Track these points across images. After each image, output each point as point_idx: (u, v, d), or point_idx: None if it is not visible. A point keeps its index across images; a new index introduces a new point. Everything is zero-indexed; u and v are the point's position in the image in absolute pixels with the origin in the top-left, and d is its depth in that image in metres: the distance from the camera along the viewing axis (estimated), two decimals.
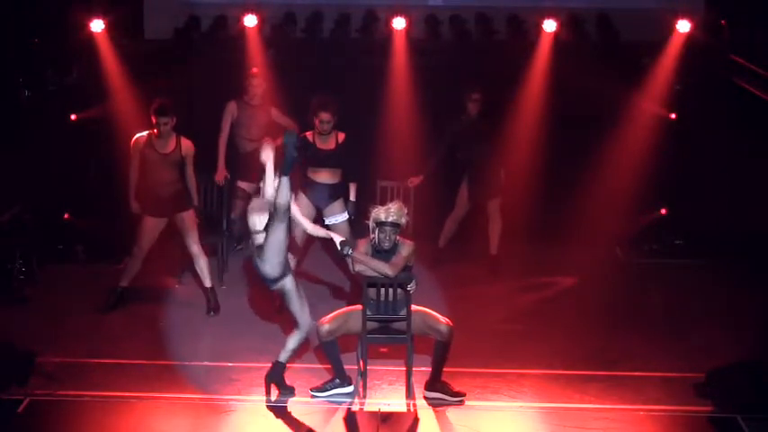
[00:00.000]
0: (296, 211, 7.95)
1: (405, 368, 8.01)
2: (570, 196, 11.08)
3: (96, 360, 8.49)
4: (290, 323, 8.11)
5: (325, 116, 9.25)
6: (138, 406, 7.78)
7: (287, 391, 8.03)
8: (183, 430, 7.63)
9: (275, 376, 7.99)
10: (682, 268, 10.90)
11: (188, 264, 9.91)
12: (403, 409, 7.83)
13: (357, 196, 9.57)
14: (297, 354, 8.15)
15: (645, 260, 11.21)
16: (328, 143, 9.39)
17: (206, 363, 8.50)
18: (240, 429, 7.60)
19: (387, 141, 11.26)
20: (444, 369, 8.02)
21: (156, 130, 9.37)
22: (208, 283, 9.66)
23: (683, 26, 11.07)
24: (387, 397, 8.00)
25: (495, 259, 10.72)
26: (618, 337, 9.10)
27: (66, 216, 11.31)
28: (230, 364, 8.51)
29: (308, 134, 9.37)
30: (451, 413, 7.78)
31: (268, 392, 7.98)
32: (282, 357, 7.99)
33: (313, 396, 8.01)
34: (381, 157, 11.11)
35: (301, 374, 8.33)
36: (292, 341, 7.98)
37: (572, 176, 11.16)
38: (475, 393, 8.03)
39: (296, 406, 7.88)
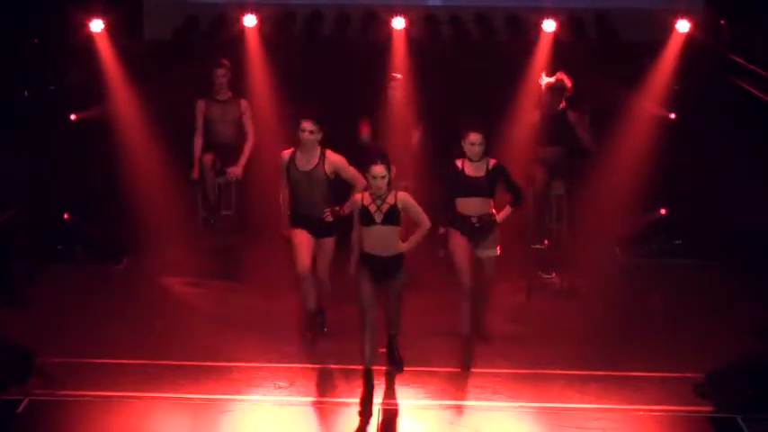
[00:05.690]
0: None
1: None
2: (570, 196, 11.07)
3: (96, 360, 8.48)
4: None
5: (474, 138, 8.54)
6: (138, 406, 7.78)
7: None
8: (183, 430, 7.64)
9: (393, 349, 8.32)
10: (682, 268, 10.90)
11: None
12: (403, 409, 7.83)
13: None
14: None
15: (645, 260, 11.21)
16: (478, 170, 8.69)
17: (206, 363, 8.50)
18: (240, 429, 7.60)
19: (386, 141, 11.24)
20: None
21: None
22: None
23: (683, 26, 11.08)
24: (387, 397, 8.02)
25: None
26: (618, 338, 9.10)
27: (66, 216, 11.31)
28: (230, 364, 8.51)
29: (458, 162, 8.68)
30: (451, 413, 7.78)
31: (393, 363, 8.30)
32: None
33: None
34: None
35: (302, 372, 8.37)
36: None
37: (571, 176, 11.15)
38: (475, 393, 8.04)
39: (296, 406, 7.89)
